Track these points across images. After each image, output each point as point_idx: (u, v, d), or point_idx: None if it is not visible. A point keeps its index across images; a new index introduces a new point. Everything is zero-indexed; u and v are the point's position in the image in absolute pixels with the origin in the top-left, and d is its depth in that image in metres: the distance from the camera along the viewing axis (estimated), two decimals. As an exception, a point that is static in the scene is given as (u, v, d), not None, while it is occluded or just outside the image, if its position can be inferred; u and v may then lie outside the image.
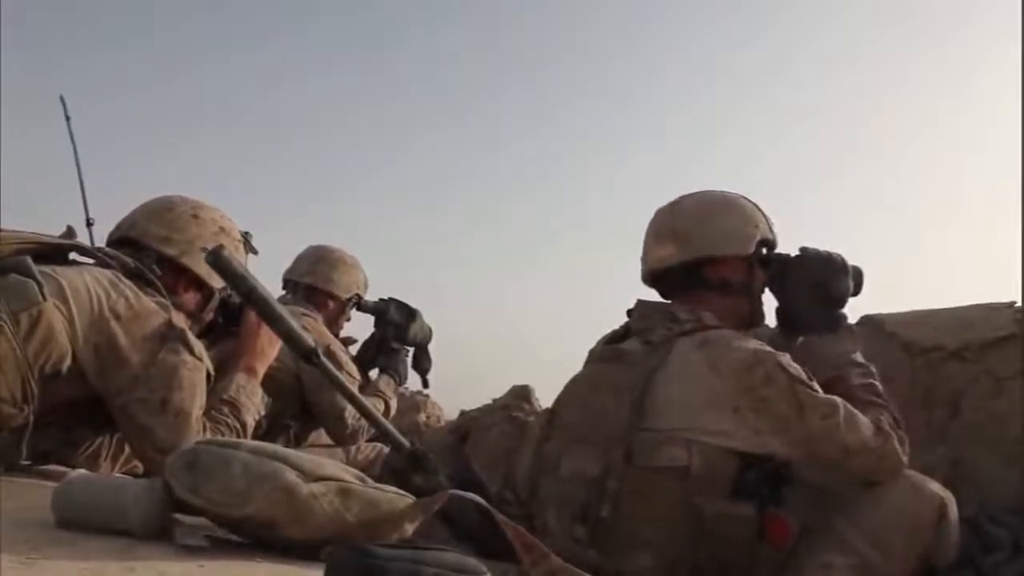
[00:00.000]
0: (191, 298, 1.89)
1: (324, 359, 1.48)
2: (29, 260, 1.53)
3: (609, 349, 1.74)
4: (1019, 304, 2.47)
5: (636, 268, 1.87)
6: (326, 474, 1.09)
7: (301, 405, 2.55)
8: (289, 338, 1.48)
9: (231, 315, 2.03)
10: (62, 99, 2.79)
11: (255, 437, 1.87)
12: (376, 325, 3.00)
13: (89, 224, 2.55)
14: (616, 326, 1.81)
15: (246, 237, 2.06)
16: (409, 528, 1.16)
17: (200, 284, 1.89)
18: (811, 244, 1.79)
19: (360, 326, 3.02)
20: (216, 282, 1.88)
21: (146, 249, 1.80)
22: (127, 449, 1.79)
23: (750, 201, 1.80)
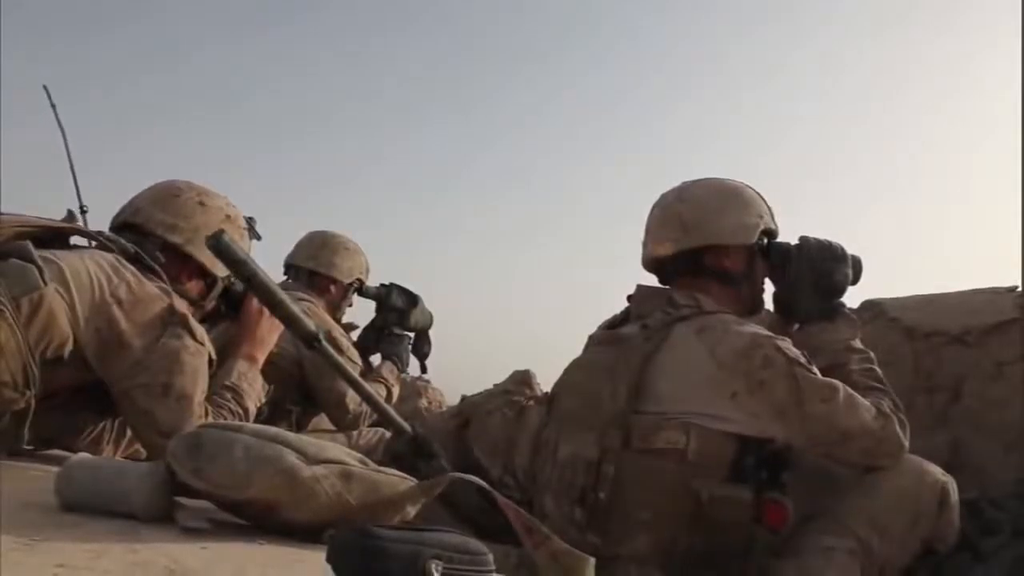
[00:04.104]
0: (195, 286, 1.89)
1: (326, 344, 1.48)
2: (30, 245, 1.52)
3: (607, 334, 1.74)
4: (1020, 289, 2.47)
5: (636, 256, 1.87)
6: (328, 457, 1.09)
7: (303, 391, 2.56)
8: (291, 323, 1.47)
9: (233, 303, 2.02)
10: (45, 88, 2.77)
11: (257, 423, 1.87)
12: (377, 311, 3.00)
13: (83, 211, 2.54)
14: (617, 311, 1.82)
15: (250, 223, 2.05)
16: (411, 511, 1.17)
17: (204, 272, 1.88)
18: (811, 233, 1.79)
19: (361, 312, 3.02)
20: (220, 271, 1.87)
21: (150, 236, 1.79)
22: (129, 433, 1.79)
23: (753, 190, 1.80)
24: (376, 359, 2.97)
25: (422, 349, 3.05)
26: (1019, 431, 2.22)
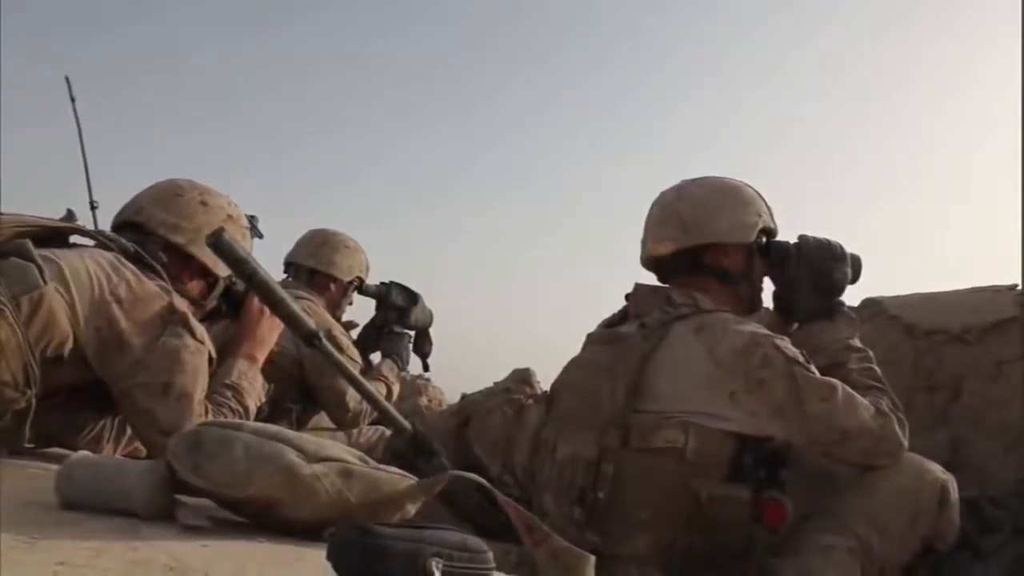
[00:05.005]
0: (196, 286, 1.88)
1: (326, 342, 1.48)
2: (29, 244, 1.52)
3: (606, 332, 1.74)
4: (1020, 287, 2.47)
5: (636, 256, 1.87)
6: (328, 455, 1.09)
7: (303, 389, 2.56)
8: (291, 322, 1.47)
9: (233, 302, 2.02)
10: (67, 80, 2.75)
11: (257, 421, 1.87)
12: (377, 309, 3.00)
13: (93, 207, 2.54)
14: (615, 310, 1.81)
15: (252, 221, 2.05)
16: (411, 509, 1.17)
17: (206, 272, 1.88)
18: (811, 233, 1.80)
19: (361, 311, 3.02)
20: (221, 271, 1.86)
21: (152, 235, 1.79)
22: (129, 431, 1.79)
23: (753, 189, 1.80)
24: (376, 357, 2.97)
25: (423, 348, 3.05)
26: (1019, 430, 2.22)
